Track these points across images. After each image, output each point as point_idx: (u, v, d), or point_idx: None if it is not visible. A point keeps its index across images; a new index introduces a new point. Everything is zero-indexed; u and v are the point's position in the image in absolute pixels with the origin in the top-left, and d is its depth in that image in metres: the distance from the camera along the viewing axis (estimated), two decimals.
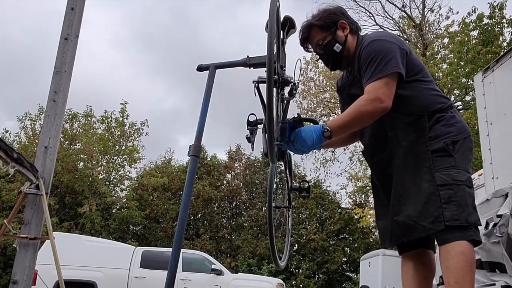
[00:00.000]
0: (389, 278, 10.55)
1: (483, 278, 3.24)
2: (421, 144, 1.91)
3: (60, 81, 3.94)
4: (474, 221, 1.82)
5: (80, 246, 9.84)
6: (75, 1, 4.13)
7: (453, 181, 1.83)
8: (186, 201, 2.16)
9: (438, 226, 1.80)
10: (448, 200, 1.81)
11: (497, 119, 4.65)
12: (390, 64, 1.89)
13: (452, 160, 1.87)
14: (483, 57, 11.88)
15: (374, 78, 1.89)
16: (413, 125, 1.94)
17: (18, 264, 3.56)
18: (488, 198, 3.53)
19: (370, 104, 1.86)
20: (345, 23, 2.10)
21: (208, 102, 2.30)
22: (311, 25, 2.12)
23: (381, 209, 2.12)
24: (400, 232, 1.92)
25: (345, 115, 1.91)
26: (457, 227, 1.79)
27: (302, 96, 17.93)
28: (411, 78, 1.98)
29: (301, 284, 20.53)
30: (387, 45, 1.95)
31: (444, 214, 1.79)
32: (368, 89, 1.90)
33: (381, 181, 2.10)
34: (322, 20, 2.10)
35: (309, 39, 2.15)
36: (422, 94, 1.98)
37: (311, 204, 22.19)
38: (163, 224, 21.41)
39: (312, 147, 1.85)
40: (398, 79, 1.92)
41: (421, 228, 1.84)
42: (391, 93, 1.89)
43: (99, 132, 20.01)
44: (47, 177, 3.76)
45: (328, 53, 2.12)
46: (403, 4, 16.96)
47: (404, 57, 1.95)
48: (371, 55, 1.93)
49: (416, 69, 2.01)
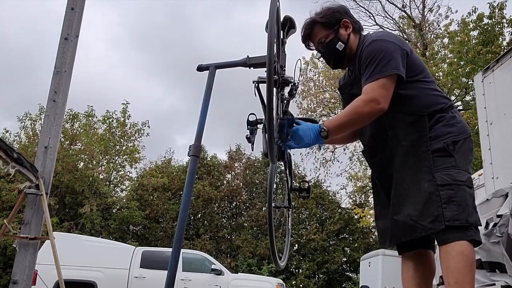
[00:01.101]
0: (389, 278, 10.54)
1: (483, 278, 3.24)
2: (422, 144, 1.90)
3: (60, 81, 3.94)
4: (474, 221, 1.82)
5: (80, 246, 9.83)
6: (75, 1, 4.13)
7: (453, 181, 1.83)
8: (186, 201, 2.16)
9: (438, 226, 1.80)
10: (449, 200, 1.81)
11: (497, 119, 4.65)
12: (389, 65, 1.89)
13: (453, 160, 1.87)
14: (483, 57, 11.87)
15: (372, 78, 1.89)
16: (414, 125, 1.94)
17: (18, 264, 3.56)
18: (488, 198, 3.53)
19: (366, 105, 1.86)
20: (348, 22, 2.11)
21: (208, 102, 2.30)
22: (314, 22, 2.12)
23: (381, 209, 2.12)
24: (399, 232, 1.92)
25: (342, 115, 1.91)
26: (457, 227, 1.78)
27: (302, 96, 17.94)
28: (412, 78, 1.97)
29: (301, 284, 20.52)
30: (387, 46, 1.94)
31: (444, 214, 1.79)
32: (365, 89, 1.90)
33: (381, 180, 2.10)
34: (325, 17, 2.10)
35: (312, 36, 2.15)
36: (423, 94, 1.97)
37: (311, 204, 22.19)
38: (163, 224, 21.42)
39: (309, 145, 1.87)
40: (397, 80, 1.92)
41: (421, 227, 1.84)
42: (388, 95, 1.89)
43: (99, 132, 20.01)
44: (47, 177, 3.77)
45: (330, 51, 2.12)
46: (403, 4, 16.99)
47: (404, 57, 1.95)
48: (371, 55, 1.93)
49: (417, 70, 2.01)
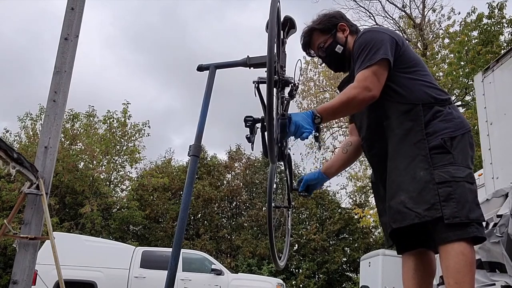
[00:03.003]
0: (389, 278, 10.54)
1: (483, 278, 3.24)
2: (416, 133, 1.90)
3: (60, 81, 3.94)
4: (476, 217, 1.79)
5: (80, 246, 9.83)
6: (75, 1, 4.13)
7: (451, 178, 1.81)
8: (186, 201, 2.16)
9: (434, 213, 1.77)
10: (447, 197, 1.79)
11: (497, 119, 4.65)
12: (379, 53, 1.93)
13: (451, 157, 1.85)
14: (483, 57, 11.86)
15: (363, 66, 1.93)
16: (408, 113, 1.94)
17: (18, 264, 3.56)
18: (488, 198, 3.53)
19: (358, 92, 1.89)
20: (345, 25, 2.18)
21: (208, 102, 2.30)
22: (312, 29, 2.21)
23: (382, 205, 2.10)
24: (391, 219, 1.91)
25: (334, 101, 1.93)
26: (457, 224, 1.76)
27: (302, 96, 17.92)
28: (406, 69, 2.00)
29: (301, 284, 20.52)
30: (376, 35, 2.00)
31: (443, 212, 1.77)
32: (357, 77, 1.93)
33: (380, 172, 2.09)
34: (322, 24, 2.18)
35: (311, 43, 2.23)
36: (417, 84, 1.98)
37: (311, 204, 22.20)
38: (163, 224, 21.42)
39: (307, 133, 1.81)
40: (389, 69, 1.95)
41: (414, 214, 1.81)
42: (379, 82, 1.93)
43: (100, 132, 20.02)
44: (47, 177, 3.77)
45: (330, 55, 2.19)
46: (403, 4, 16.95)
47: (394, 46, 1.98)
48: (362, 45, 1.98)
49: (411, 62, 2.02)
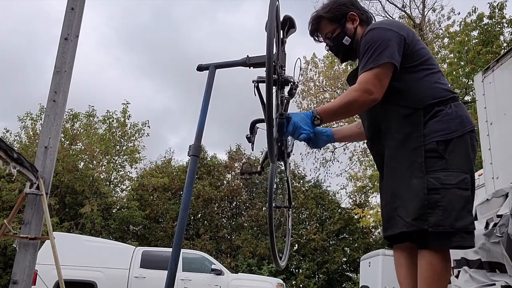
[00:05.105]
0: (389, 278, 10.53)
1: (483, 278, 3.24)
2: (415, 139, 1.83)
3: (60, 81, 3.94)
4: (463, 225, 1.73)
5: (80, 246, 9.83)
6: (75, 1, 4.13)
7: (440, 185, 1.75)
8: (186, 201, 2.15)
9: (421, 224, 1.73)
10: (434, 205, 1.73)
11: (497, 119, 4.64)
12: (384, 54, 1.83)
13: (444, 162, 1.78)
14: (483, 57, 11.85)
15: (366, 68, 1.85)
16: (408, 118, 1.86)
17: (18, 264, 3.56)
18: (488, 198, 3.53)
19: (359, 95, 1.84)
20: (355, 14, 2.06)
21: (208, 102, 2.29)
22: (320, 17, 2.10)
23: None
24: (385, 225, 1.90)
25: (334, 103, 1.89)
26: (439, 233, 1.72)
27: (302, 96, 17.91)
28: (413, 67, 1.90)
29: (301, 284, 20.52)
30: (384, 34, 1.89)
31: (428, 219, 1.73)
32: (359, 79, 1.87)
33: (382, 171, 2.05)
34: (331, 12, 2.07)
35: (319, 30, 2.14)
36: (421, 86, 1.89)
37: (311, 204, 22.20)
38: (163, 224, 21.41)
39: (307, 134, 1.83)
40: (393, 69, 1.86)
41: (402, 223, 1.78)
42: (381, 85, 1.84)
43: (100, 132, 20.01)
44: (47, 177, 3.76)
45: (338, 46, 2.10)
46: (403, 4, 16.93)
47: (402, 44, 1.87)
48: (368, 44, 1.89)
49: (419, 56, 1.92)
